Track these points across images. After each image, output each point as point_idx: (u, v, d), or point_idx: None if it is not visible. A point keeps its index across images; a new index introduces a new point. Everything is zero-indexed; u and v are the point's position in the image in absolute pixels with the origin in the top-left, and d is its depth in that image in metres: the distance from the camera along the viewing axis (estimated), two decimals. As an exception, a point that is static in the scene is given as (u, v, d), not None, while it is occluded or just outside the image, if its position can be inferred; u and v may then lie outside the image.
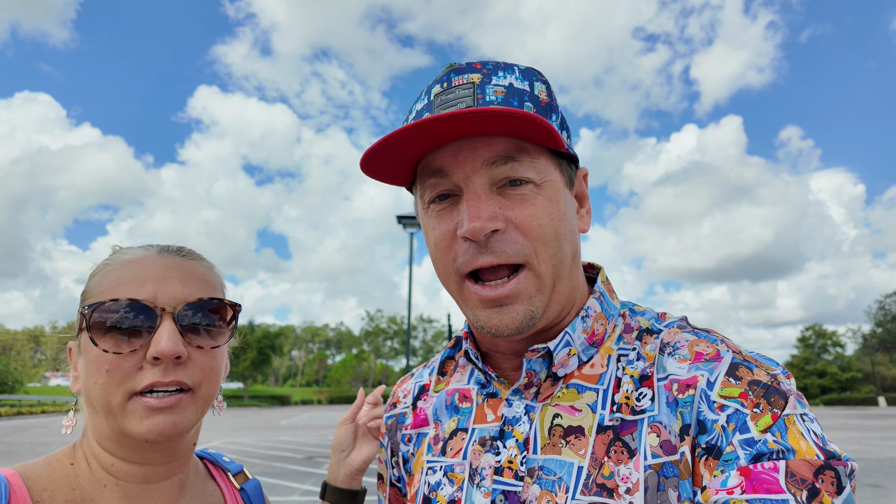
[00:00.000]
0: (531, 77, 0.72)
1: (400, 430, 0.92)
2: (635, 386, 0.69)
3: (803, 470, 0.56)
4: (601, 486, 0.65)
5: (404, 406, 0.93)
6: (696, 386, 0.64)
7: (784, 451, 0.57)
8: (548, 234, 0.68)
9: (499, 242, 0.67)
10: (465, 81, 0.70)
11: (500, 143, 0.67)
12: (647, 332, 0.74)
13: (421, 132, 0.65)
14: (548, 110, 0.71)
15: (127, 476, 0.76)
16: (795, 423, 0.59)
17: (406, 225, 16.16)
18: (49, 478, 0.74)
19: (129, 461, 0.76)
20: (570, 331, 0.73)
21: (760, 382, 0.62)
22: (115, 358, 0.71)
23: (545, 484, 0.68)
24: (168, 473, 0.79)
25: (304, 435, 20.66)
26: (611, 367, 0.73)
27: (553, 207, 0.70)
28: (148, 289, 0.74)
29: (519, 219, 0.68)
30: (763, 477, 0.56)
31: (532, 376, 0.74)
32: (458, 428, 0.80)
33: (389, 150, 0.69)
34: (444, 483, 0.77)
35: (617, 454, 0.66)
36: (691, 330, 0.72)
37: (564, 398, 0.72)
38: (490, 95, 0.68)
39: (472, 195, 0.68)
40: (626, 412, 0.68)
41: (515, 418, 0.74)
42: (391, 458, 0.94)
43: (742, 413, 0.60)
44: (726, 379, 0.63)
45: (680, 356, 0.68)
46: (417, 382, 0.94)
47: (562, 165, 0.73)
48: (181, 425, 0.73)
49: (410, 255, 15.72)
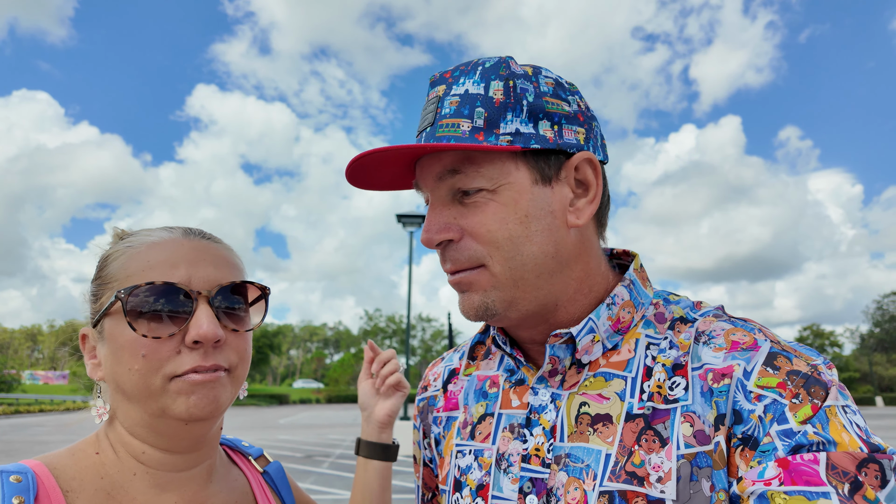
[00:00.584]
0: (489, 77, 0.71)
1: (431, 412, 0.93)
2: (668, 375, 0.68)
3: (845, 462, 0.54)
4: (631, 473, 0.64)
5: (435, 389, 0.95)
6: (731, 375, 0.63)
7: (825, 443, 0.56)
8: (499, 239, 0.70)
9: (452, 251, 0.72)
10: (433, 96, 0.74)
11: (447, 157, 0.71)
12: (680, 321, 0.73)
13: (372, 159, 0.73)
14: (502, 110, 0.69)
15: (158, 464, 0.75)
16: (837, 415, 0.58)
17: (406, 224, 16.14)
18: (76, 467, 0.72)
19: (160, 448, 0.75)
20: (595, 317, 0.73)
21: (800, 372, 0.61)
22: (152, 343, 0.69)
23: (572, 471, 0.68)
24: (197, 461, 0.79)
25: (303, 434, 20.65)
26: (638, 353, 0.72)
27: (507, 211, 0.70)
28: (181, 272, 0.73)
29: (469, 227, 0.71)
30: (802, 469, 0.55)
31: (556, 363, 0.74)
32: (485, 413, 0.82)
33: (369, 171, 0.77)
34: (474, 467, 0.78)
35: (648, 443, 0.65)
36: (727, 319, 0.71)
37: (592, 386, 0.72)
38: (445, 108, 0.71)
39: (430, 208, 0.74)
40: (659, 401, 0.67)
41: (542, 406, 0.75)
42: (423, 440, 0.96)
43: (780, 403, 0.59)
44: (764, 368, 0.62)
45: (715, 345, 0.68)
46: (447, 366, 0.96)
47: (529, 163, 0.71)
48: (221, 401, 0.73)
49: (410, 255, 15.71)
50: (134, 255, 0.75)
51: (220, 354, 0.73)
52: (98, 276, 0.78)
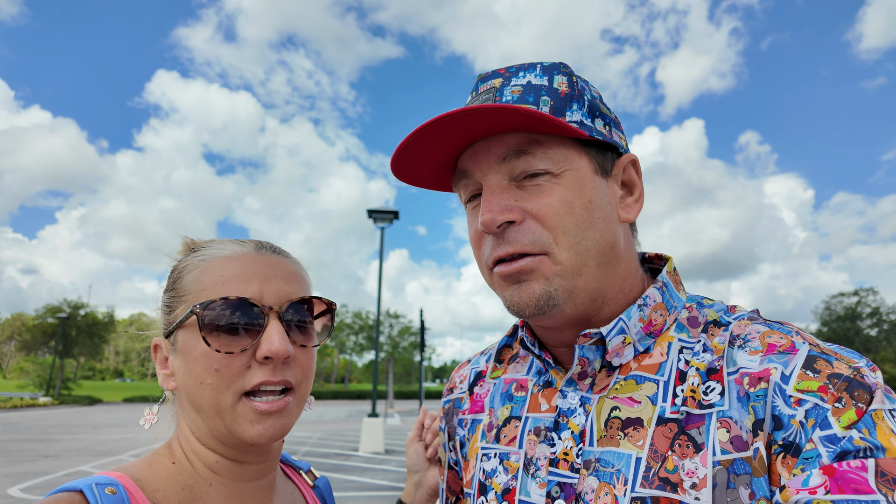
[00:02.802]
0: (552, 72, 0.73)
1: (456, 414, 0.93)
2: (702, 379, 0.66)
3: (895, 469, 0.52)
4: (664, 479, 0.62)
5: (461, 391, 0.94)
6: (768, 379, 0.61)
7: (873, 449, 0.53)
8: (566, 223, 0.68)
9: (515, 233, 0.69)
10: (488, 87, 0.73)
11: (512, 139, 0.69)
12: (714, 325, 0.72)
13: (433, 137, 0.69)
14: (567, 100, 0.71)
15: (230, 474, 0.76)
16: (885, 419, 0.56)
17: (376, 219, 15.96)
18: (157, 478, 0.72)
19: (231, 459, 0.76)
20: (625, 318, 0.71)
21: (842, 375, 0.59)
22: (224, 357, 0.70)
23: (603, 476, 0.66)
24: (264, 472, 0.80)
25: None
26: (671, 356, 0.70)
27: (573, 196, 0.69)
28: (254, 287, 0.73)
29: (535, 209, 0.69)
30: (850, 476, 0.53)
31: (585, 364, 0.72)
32: (511, 416, 0.81)
33: (414, 156, 0.73)
34: (500, 470, 0.77)
35: (682, 448, 0.63)
36: (763, 321, 0.69)
37: (623, 390, 0.70)
38: (507, 96, 0.71)
39: (488, 191, 0.70)
40: (693, 405, 0.65)
41: (571, 410, 0.73)
42: (448, 442, 0.96)
43: (822, 408, 0.57)
44: (803, 372, 0.60)
45: (751, 348, 0.65)
46: (474, 368, 0.95)
47: (590, 153, 0.72)
48: (288, 427, 0.74)
49: (381, 250, 15.52)
50: (207, 269, 0.75)
51: (288, 370, 0.73)
52: (171, 288, 0.78)
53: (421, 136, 0.68)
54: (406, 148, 0.70)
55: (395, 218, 16.20)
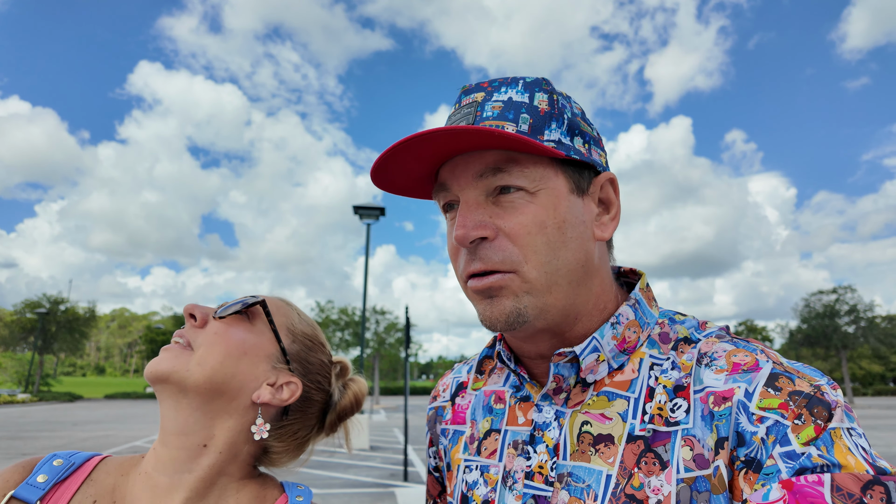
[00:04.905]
0: (533, 89, 0.73)
1: (439, 423, 0.95)
2: (669, 396, 0.68)
3: (850, 484, 0.53)
4: (630, 496, 0.64)
5: (443, 400, 0.96)
6: (732, 399, 0.63)
7: (830, 466, 0.55)
8: (537, 242, 0.69)
9: (486, 250, 0.70)
10: (471, 101, 0.74)
11: (491, 156, 0.70)
12: (684, 342, 0.73)
13: (413, 151, 0.70)
14: (546, 119, 0.71)
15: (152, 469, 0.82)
16: (842, 438, 0.57)
17: (362, 216, 15.86)
18: (119, 464, 0.81)
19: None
20: (599, 336, 0.72)
21: (802, 393, 0.60)
22: None
23: (574, 491, 0.67)
24: (182, 478, 0.80)
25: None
26: (642, 373, 0.71)
27: (546, 215, 0.70)
28: None
29: (507, 227, 0.69)
30: (807, 490, 0.54)
31: (560, 381, 0.73)
32: (491, 428, 0.82)
33: (395, 166, 0.74)
34: (480, 482, 0.78)
35: (648, 465, 0.64)
36: (730, 340, 0.70)
37: (595, 406, 0.72)
38: (487, 112, 0.71)
39: (464, 205, 0.71)
40: (660, 423, 0.66)
41: (546, 423, 0.74)
42: (430, 448, 0.99)
43: (782, 425, 0.58)
44: (765, 390, 0.61)
45: (717, 367, 0.67)
46: (456, 378, 0.97)
47: (567, 172, 0.73)
48: (163, 369, 0.80)
49: (367, 246, 15.45)
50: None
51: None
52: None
53: (401, 149, 0.69)
54: (385, 160, 0.71)
55: (381, 214, 16.12)
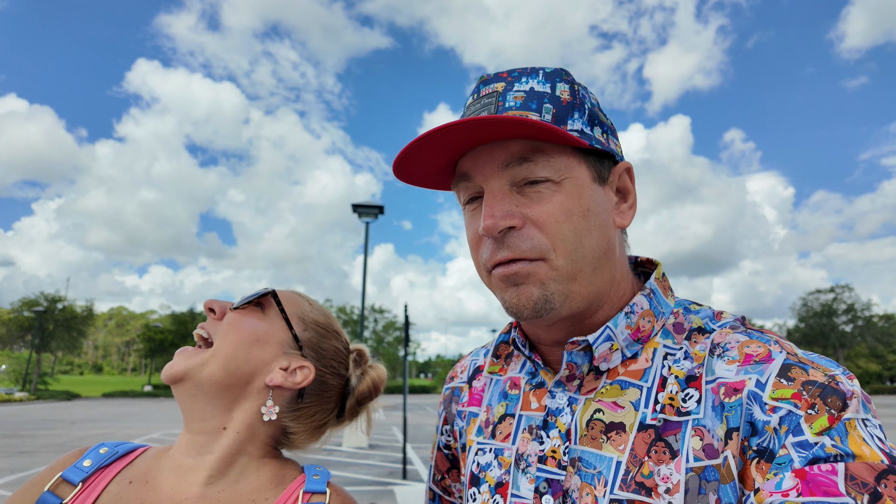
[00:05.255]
0: (554, 79, 0.74)
1: (455, 403, 0.97)
2: (681, 387, 0.68)
3: (864, 473, 0.53)
4: (640, 484, 0.64)
5: (461, 381, 0.98)
6: (743, 390, 0.63)
7: (843, 456, 0.55)
8: (565, 230, 0.70)
9: (514, 238, 0.70)
10: (491, 91, 0.74)
11: (516, 146, 0.70)
12: (698, 332, 0.73)
13: (436, 142, 0.70)
14: (569, 109, 0.72)
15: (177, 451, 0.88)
16: (857, 428, 0.57)
17: (361, 214, 15.84)
18: (155, 451, 0.89)
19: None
20: (612, 325, 0.73)
21: (816, 382, 0.60)
22: None
23: (585, 476, 0.68)
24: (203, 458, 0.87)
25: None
26: (656, 363, 0.72)
27: (572, 203, 0.70)
28: None
29: (535, 215, 0.70)
30: (820, 479, 0.54)
31: (574, 369, 0.74)
32: (506, 413, 0.84)
33: (415, 158, 0.73)
34: (494, 465, 0.80)
35: (658, 454, 0.65)
36: (744, 330, 0.70)
37: (608, 394, 0.72)
38: (510, 102, 0.72)
39: (490, 196, 0.71)
40: (671, 413, 0.67)
41: (559, 409, 0.75)
42: (444, 426, 1.00)
43: (795, 414, 0.58)
44: (777, 380, 0.61)
45: (729, 358, 0.67)
46: (474, 361, 0.99)
47: (589, 161, 0.74)
48: (179, 369, 0.86)
49: (366, 245, 15.43)
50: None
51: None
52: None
53: (427, 141, 0.69)
54: (410, 152, 0.71)
55: (379, 212, 16.10)
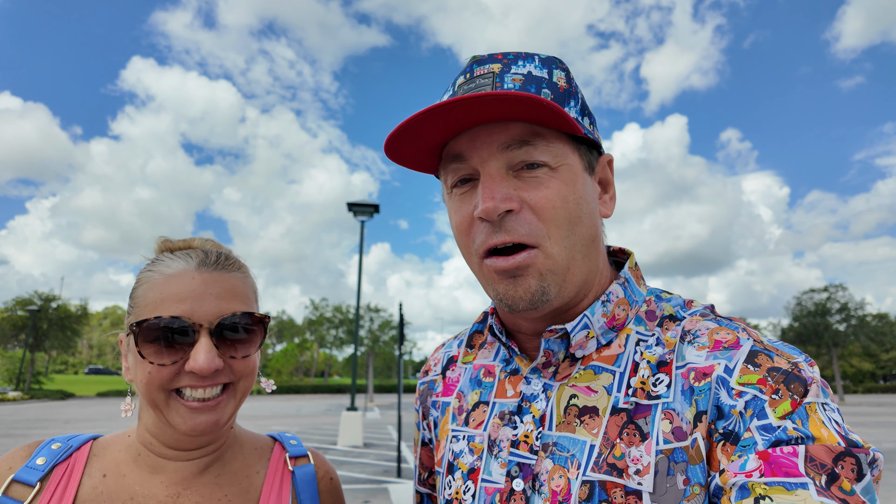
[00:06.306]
0: (550, 65, 0.74)
1: (430, 396, 0.97)
2: (652, 371, 0.70)
3: (823, 455, 0.56)
4: (612, 465, 0.66)
5: (435, 374, 0.98)
6: (712, 375, 0.65)
7: (804, 438, 0.57)
8: (560, 217, 0.70)
9: (512, 222, 0.70)
10: (486, 71, 0.73)
11: (516, 128, 0.70)
12: (669, 319, 0.75)
13: (436, 118, 0.68)
14: (566, 96, 0.73)
15: (159, 452, 0.86)
16: (817, 412, 0.59)
17: (357, 213, 15.84)
18: (115, 443, 0.88)
19: (168, 445, 0.86)
20: (590, 314, 0.74)
21: (780, 369, 0.62)
22: (156, 367, 0.79)
23: (558, 459, 0.70)
24: (200, 454, 0.88)
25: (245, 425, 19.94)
26: (628, 349, 0.74)
27: (568, 190, 0.71)
28: (186, 306, 0.80)
29: (533, 200, 0.70)
30: (782, 461, 0.56)
31: (550, 356, 0.76)
32: (479, 401, 0.84)
33: (410, 135, 0.71)
34: (466, 451, 0.81)
35: (629, 436, 0.67)
36: (713, 318, 0.73)
37: (581, 379, 0.74)
38: (508, 83, 0.71)
39: (488, 178, 0.70)
40: (642, 396, 0.69)
41: (533, 395, 0.76)
42: (423, 421, 1.00)
43: (760, 399, 0.60)
44: (745, 366, 0.64)
45: (699, 344, 0.69)
46: (447, 353, 0.99)
47: (581, 150, 0.75)
48: (221, 421, 0.83)
49: (361, 244, 15.42)
50: (153, 286, 0.83)
51: (222, 376, 0.82)
52: (131, 295, 0.86)
53: (428, 117, 0.68)
54: (407, 128, 0.69)
55: (375, 211, 16.09)
